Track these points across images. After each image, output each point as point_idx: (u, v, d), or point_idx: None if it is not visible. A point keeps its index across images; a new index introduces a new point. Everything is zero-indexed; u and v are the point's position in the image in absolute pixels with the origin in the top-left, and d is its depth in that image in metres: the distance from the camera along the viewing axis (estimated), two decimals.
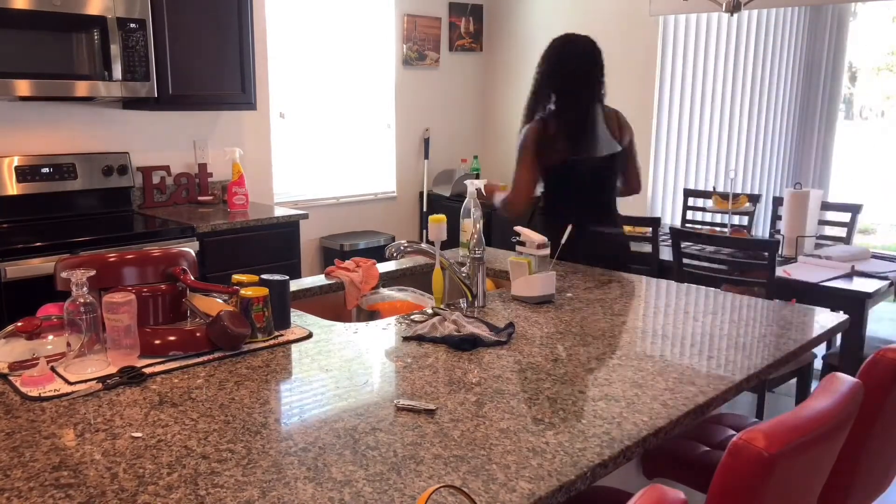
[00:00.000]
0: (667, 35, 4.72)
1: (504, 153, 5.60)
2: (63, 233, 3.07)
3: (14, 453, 1.21)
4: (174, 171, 3.88)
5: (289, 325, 1.85)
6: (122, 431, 1.29)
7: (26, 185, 3.31)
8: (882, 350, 1.50)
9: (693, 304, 2.13)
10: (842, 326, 2.01)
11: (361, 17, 4.80)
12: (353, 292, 2.32)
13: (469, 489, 1.11)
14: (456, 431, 1.30)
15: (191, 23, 3.51)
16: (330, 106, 4.74)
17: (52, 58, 3.04)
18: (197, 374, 1.55)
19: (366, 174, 5.03)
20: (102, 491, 1.10)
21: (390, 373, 1.58)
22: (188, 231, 3.27)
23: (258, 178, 4.29)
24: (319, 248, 4.75)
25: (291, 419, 1.35)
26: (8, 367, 1.54)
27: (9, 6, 2.89)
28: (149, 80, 3.31)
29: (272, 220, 3.59)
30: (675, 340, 1.81)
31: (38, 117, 3.42)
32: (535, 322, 1.94)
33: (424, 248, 2.10)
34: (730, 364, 1.65)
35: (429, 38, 5.16)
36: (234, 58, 3.69)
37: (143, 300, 1.71)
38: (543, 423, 1.34)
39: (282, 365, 1.62)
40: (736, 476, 1.10)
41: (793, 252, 3.52)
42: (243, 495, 1.09)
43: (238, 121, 4.14)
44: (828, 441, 1.22)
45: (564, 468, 1.18)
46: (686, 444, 1.90)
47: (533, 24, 5.28)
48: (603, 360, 1.66)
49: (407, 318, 1.96)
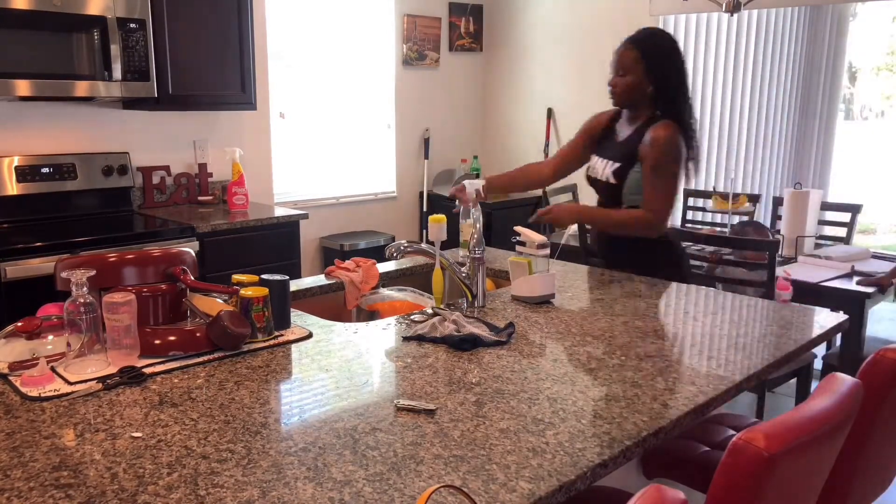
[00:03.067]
0: None
1: (504, 153, 5.60)
2: (63, 233, 3.07)
3: (14, 453, 1.21)
4: (174, 171, 3.88)
5: (289, 325, 1.85)
6: (122, 431, 1.29)
7: (26, 185, 3.31)
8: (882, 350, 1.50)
9: (693, 304, 2.13)
10: (842, 326, 2.01)
11: (361, 17, 4.80)
12: (353, 292, 2.32)
13: (469, 489, 1.11)
14: (456, 431, 1.30)
15: (191, 23, 3.51)
16: (330, 106, 4.74)
17: (52, 58, 3.04)
18: (197, 374, 1.55)
19: (366, 174, 5.03)
20: (102, 491, 1.10)
21: (390, 373, 1.58)
22: (188, 231, 3.27)
23: (258, 178, 4.29)
24: (319, 248, 4.75)
25: (291, 419, 1.35)
26: (8, 367, 1.54)
27: (9, 6, 2.89)
28: (149, 80, 3.31)
29: (272, 220, 3.59)
30: (675, 340, 1.81)
31: (38, 117, 3.42)
32: (535, 322, 1.94)
33: (424, 248, 2.10)
34: (730, 364, 1.65)
35: (429, 38, 5.16)
36: (234, 58, 3.69)
37: (143, 300, 1.70)
38: (543, 423, 1.34)
39: (282, 365, 1.62)
40: (736, 476, 1.10)
41: (793, 252, 3.52)
42: (243, 495, 1.09)
43: (238, 121, 4.14)
44: (828, 441, 1.22)
45: (564, 468, 1.18)
46: (686, 444, 1.90)
47: (533, 24, 5.29)
48: (603, 360, 1.66)
49: (407, 318, 1.96)
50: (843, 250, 3.51)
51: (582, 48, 5.05)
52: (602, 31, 4.92)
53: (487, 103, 5.65)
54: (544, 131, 5.29)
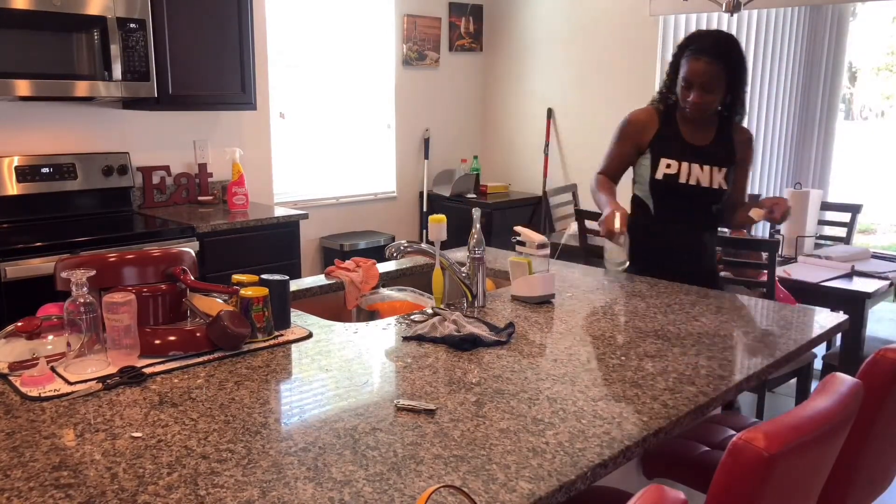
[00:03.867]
0: (667, 35, 4.72)
1: (504, 153, 5.60)
2: (63, 233, 3.07)
3: (14, 453, 1.21)
4: (174, 171, 3.88)
5: (289, 325, 1.85)
6: (122, 431, 1.29)
7: (26, 185, 3.31)
8: (882, 350, 1.50)
9: (693, 304, 2.13)
10: (842, 326, 2.01)
11: (361, 17, 4.80)
12: (353, 292, 2.32)
13: (469, 489, 1.11)
14: (456, 431, 1.30)
15: (191, 23, 3.51)
16: (330, 106, 4.74)
17: (52, 58, 3.04)
18: (197, 374, 1.55)
19: (366, 174, 5.03)
20: (102, 491, 1.10)
21: (390, 373, 1.58)
22: (188, 231, 3.27)
23: (258, 178, 4.29)
24: (319, 248, 4.75)
25: (291, 419, 1.35)
26: (8, 367, 1.54)
27: (9, 6, 2.89)
28: (149, 80, 3.31)
29: (272, 220, 3.59)
30: (675, 340, 1.81)
31: (38, 117, 3.42)
32: (535, 322, 1.94)
33: (424, 248, 2.10)
34: (730, 364, 1.65)
35: (429, 38, 5.16)
36: (234, 58, 3.69)
37: (143, 300, 1.70)
38: (543, 423, 1.34)
39: (282, 365, 1.62)
40: (736, 476, 1.10)
41: (793, 252, 3.52)
42: (243, 495, 1.09)
43: (238, 121, 4.14)
44: (828, 441, 1.22)
45: (564, 468, 1.18)
46: (686, 444, 1.90)
47: (533, 24, 5.28)
48: (603, 360, 1.66)
49: (407, 318, 1.96)
50: (843, 250, 3.51)
51: (582, 48, 5.05)
52: (602, 31, 4.92)
53: (487, 103, 5.65)
54: (544, 131, 5.29)
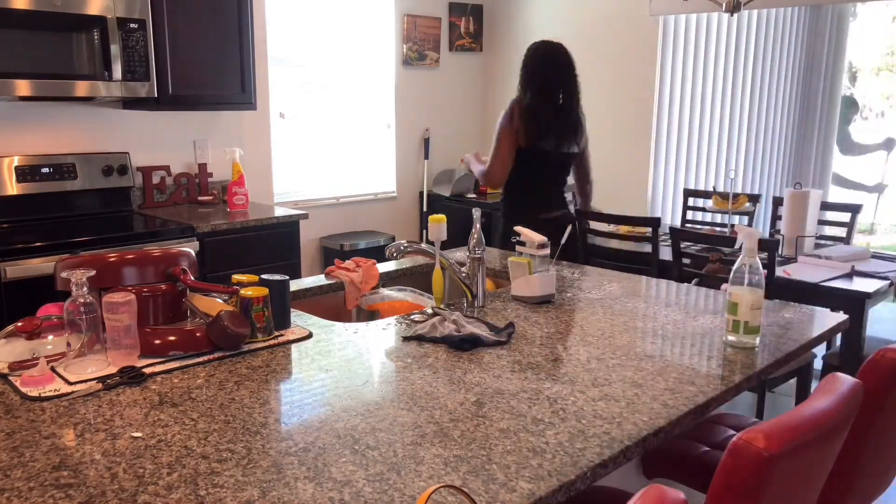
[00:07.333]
0: (667, 35, 4.72)
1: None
2: (63, 233, 3.07)
3: (14, 453, 1.21)
4: (174, 171, 3.88)
5: (289, 325, 1.85)
6: (122, 431, 1.29)
7: (26, 185, 3.31)
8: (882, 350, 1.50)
9: (693, 304, 2.13)
10: (842, 326, 2.01)
11: (361, 17, 4.80)
12: (353, 292, 2.32)
13: (469, 489, 1.11)
14: (456, 431, 1.30)
15: (191, 23, 3.51)
16: (330, 106, 4.74)
17: (52, 58, 3.04)
18: (197, 374, 1.55)
19: (366, 174, 5.03)
20: (102, 491, 1.10)
21: (390, 373, 1.58)
22: (188, 231, 3.27)
23: (258, 178, 4.29)
24: (319, 248, 4.75)
25: (291, 419, 1.35)
26: (8, 367, 1.54)
27: (9, 6, 2.89)
28: (149, 80, 3.31)
29: (272, 220, 3.59)
30: (675, 340, 1.81)
31: (38, 117, 3.42)
32: (535, 322, 1.94)
33: (424, 248, 2.10)
34: (730, 364, 1.65)
35: (429, 38, 5.16)
36: (234, 58, 3.69)
37: (143, 300, 1.70)
38: (543, 423, 1.34)
39: (282, 365, 1.62)
40: (736, 476, 1.10)
41: (793, 252, 3.52)
42: (243, 495, 1.09)
43: (238, 121, 4.14)
44: (828, 441, 1.22)
45: (564, 468, 1.18)
46: (686, 444, 1.90)
47: (533, 24, 5.28)
48: (603, 360, 1.66)
49: (407, 318, 1.96)
50: (843, 250, 3.51)
51: (582, 48, 5.04)
52: (602, 30, 4.92)
53: (487, 103, 5.65)
54: None
